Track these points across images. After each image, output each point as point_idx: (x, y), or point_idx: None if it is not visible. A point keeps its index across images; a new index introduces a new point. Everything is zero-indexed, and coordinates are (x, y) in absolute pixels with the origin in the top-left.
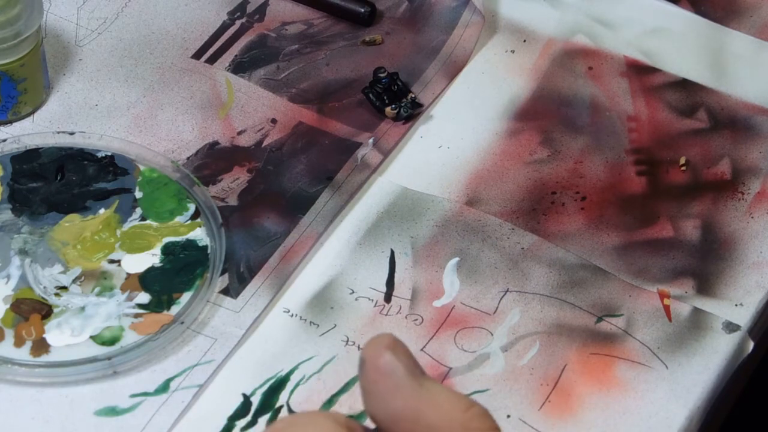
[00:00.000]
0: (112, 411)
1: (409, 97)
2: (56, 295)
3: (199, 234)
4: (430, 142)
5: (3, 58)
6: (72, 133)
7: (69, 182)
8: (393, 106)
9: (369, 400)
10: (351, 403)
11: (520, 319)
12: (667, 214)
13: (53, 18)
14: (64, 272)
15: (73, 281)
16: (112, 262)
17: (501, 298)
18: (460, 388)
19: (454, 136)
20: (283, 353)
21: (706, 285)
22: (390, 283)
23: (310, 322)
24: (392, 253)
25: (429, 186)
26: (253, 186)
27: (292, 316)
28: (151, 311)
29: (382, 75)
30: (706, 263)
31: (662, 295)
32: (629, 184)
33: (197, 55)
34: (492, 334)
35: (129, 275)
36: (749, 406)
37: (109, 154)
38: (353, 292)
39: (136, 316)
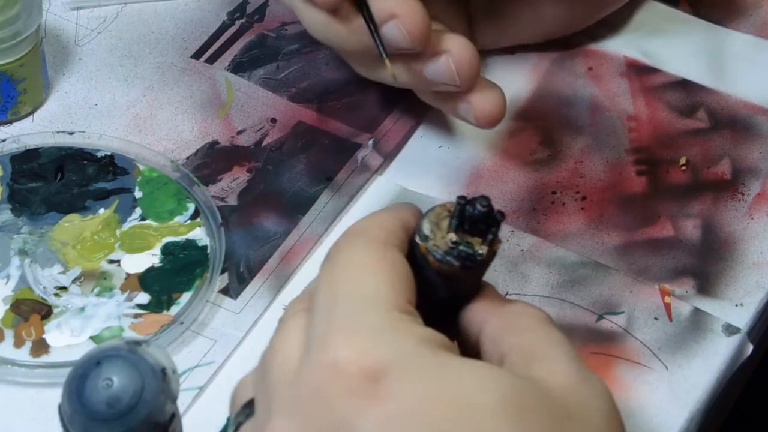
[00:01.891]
0: None
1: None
2: (56, 295)
3: (198, 234)
4: (430, 142)
5: (2, 58)
6: (71, 133)
7: (68, 182)
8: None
9: None
10: None
11: None
12: (667, 214)
13: (53, 18)
14: (63, 272)
15: (73, 281)
16: (111, 262)
17: None
18: None
19: (454, 136)
20: None
21: (706, 285)
22: None
23: None
24: None
25: (429, 186)
26: (252, 186)
27: None
28: (151, 311)
29: (483, 207)
30: (706, 263)
31: (663, 292)
32: (629, 183)
33: (197, 55)
34: None
35: (129, 275)
36: (748, 408)
37: (109, 153)
38: None
39: (136, 316)
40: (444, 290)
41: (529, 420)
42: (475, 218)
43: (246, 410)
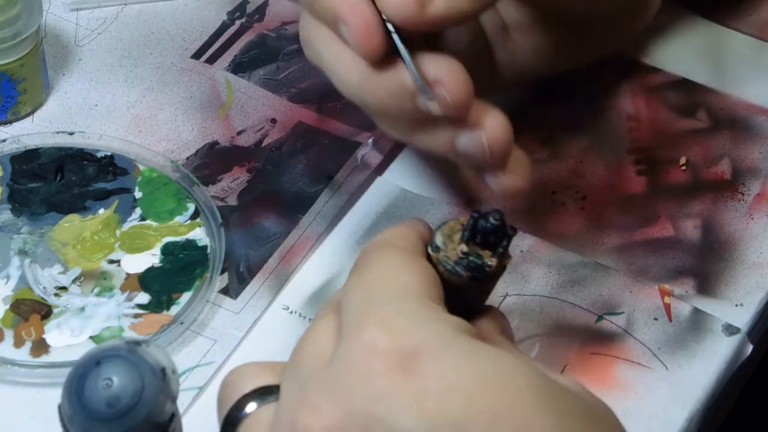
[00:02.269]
0: None
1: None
2: (56, 295)
3: (198, 234)
4: None
5: (2, 58)
6: (71, 133)
7: (68, 182)
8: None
9: None
10: None
11: (519, 323)
12: (667, 214)
13: (53, 18)
14: (63, 272)
15: (73, 281)
16: (111, 262)
17: (500, 303)
18: None
19: None
20: (283, 351)
21: (706, 285)
22: None
23: (310, 319)
24: None
25: (429, 186)
26: (252, 186)
27: (291, 313)
28: (151, 311)
29: (495, 221)
30: (706, 263)
31: (663, 292)
32: (629, 183)
33: (197, 55)
34: None
35: (128, 275)
36: (748, 408)
37: (109, 154)
38: None
39: (136, 316)
40: (452, 302)
41: (565, 404)
42: (487, 231)
43: (245, 404)
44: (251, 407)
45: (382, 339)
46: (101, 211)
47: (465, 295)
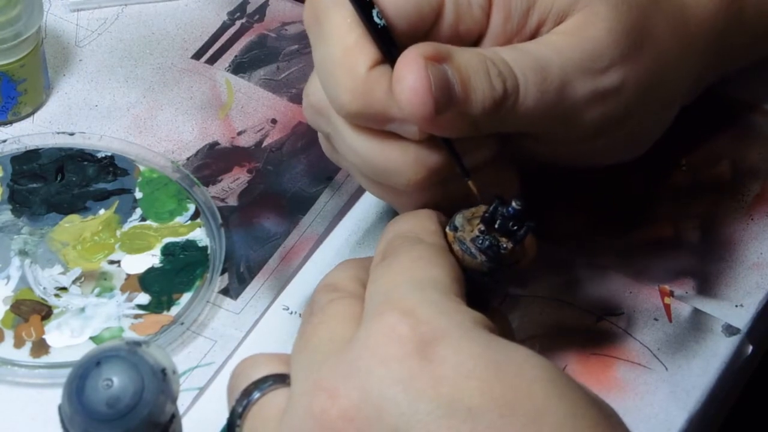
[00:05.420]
0: None
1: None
2: (56, 296)
3: (198, 234)
4: None
5: (3, 58)
6: (72, 134)
7: (69, 183)
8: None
9: None
10: None
11: (519, 323)
12: (667, 214)
13: (53, 19)
14: (63, 273)
15: (73, 282)
16: (111, 262)
17: (500, 304)
18: None
19: None
20: (283, 351)
21: (706, 285)
22: None
23: None
24: None
25: None
26: (253, 186)
27: (291, 313)
28: (151, 312)
29: (517, 207)
30: (706, 264)
31: (663, 293)
32: (630, 183)
33: (197, 56)
34: None
35: (129, 276)
36: (748, 408)
37: (109, 154)
38: None
39: (136, 317)
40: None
41: (576, 395)
42: (508, 216)
43: (254, 389)
44: (259, 394)
45: (403, 325)
46: (101, 211)
47: (476, 281)
